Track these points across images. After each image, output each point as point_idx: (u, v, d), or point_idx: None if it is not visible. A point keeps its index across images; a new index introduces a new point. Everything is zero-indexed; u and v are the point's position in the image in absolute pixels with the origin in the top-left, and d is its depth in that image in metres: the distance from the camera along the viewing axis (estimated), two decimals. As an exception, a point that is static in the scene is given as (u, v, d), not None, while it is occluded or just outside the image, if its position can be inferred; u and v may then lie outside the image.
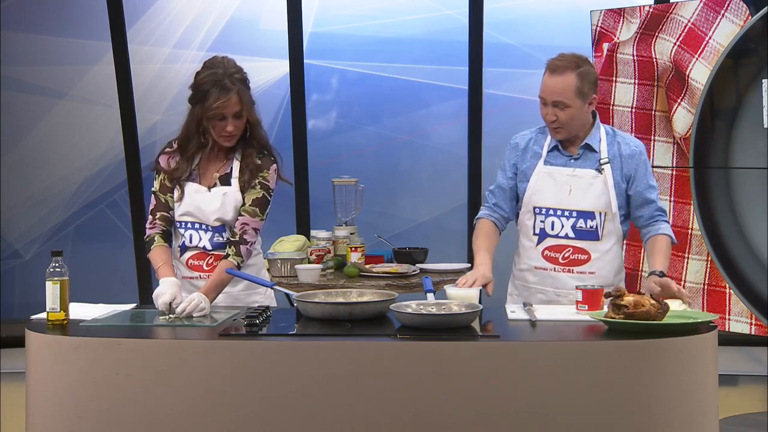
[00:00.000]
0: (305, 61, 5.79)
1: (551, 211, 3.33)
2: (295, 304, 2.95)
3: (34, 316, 2.95)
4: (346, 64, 5.96)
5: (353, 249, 4.34)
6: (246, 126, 3.23)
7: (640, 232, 3.40)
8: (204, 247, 3.25)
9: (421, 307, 2.82)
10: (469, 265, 4.63)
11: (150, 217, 3.29)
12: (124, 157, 5.89)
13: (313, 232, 4.55)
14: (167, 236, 3.27)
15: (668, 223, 3.39)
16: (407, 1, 5.93)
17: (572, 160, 3.34)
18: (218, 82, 3.14)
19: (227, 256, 3.17)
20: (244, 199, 3.23)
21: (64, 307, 2.84)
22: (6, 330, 5.50)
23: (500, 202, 3.45)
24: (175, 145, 3.29)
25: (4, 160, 6.02)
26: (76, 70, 5.99)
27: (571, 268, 3.32)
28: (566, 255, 3.32)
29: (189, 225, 3.25)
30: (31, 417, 2.66)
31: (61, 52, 5.98)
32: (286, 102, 5.84)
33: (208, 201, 3.24)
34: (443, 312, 2.78)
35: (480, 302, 2.97)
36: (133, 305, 3.16)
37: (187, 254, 3.26)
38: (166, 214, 3.27)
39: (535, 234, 3.36)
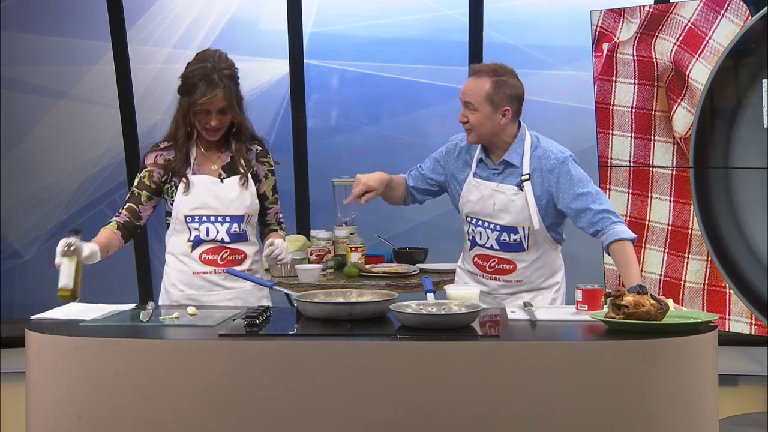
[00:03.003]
0: (305, 61, 5.79)
1: (479, 222, 3.39)
2: (295, 304, 2.95)
3: (34, 316, 2.95)
4: (346, 64, 5.96)
5: (353, 249, 4.34)
6: (232, 120, 3.28)
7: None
8: (222, 240, 3.26)
9: (421, 307, 2.82)
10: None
11: (120, 209, 3.31)
12: (124, 157, 5.90)
13: (313, 232, 4.55)
14: (126, 227, 3.26)
15: (618, 221, 3.22)
16: (407, 1, 5.93)
17: (496, 175, 3.36)
18: (206, 76, 3.18)
19: (275, 230, 3.42)
20: (263, 190, 3.36)
21: (76, 284, 2.84)
22: (6, 330, 5.50)
23: (418, 185, 3.54)
24: (162, 145, 3.33)
25: (4, 160, 6.02)
26: (76, 70, 5.99)
27: (497, 276, 3.40)
28: (492, 264, 3.40)
29: (204, 218, 3.26)
30: (31, 417, 2.66)
31: (61, 52, 5.98)
32: (286, 102, 5.84)
33: (226, 190, 3.25)
34: (443, 312, 2.78)
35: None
36: (133, 305, 3.16)
37: (200, 249, 3.27)
38: (134, 206, 3.29)
39: (468, 240, 3.46)
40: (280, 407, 2.53)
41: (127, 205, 3.30)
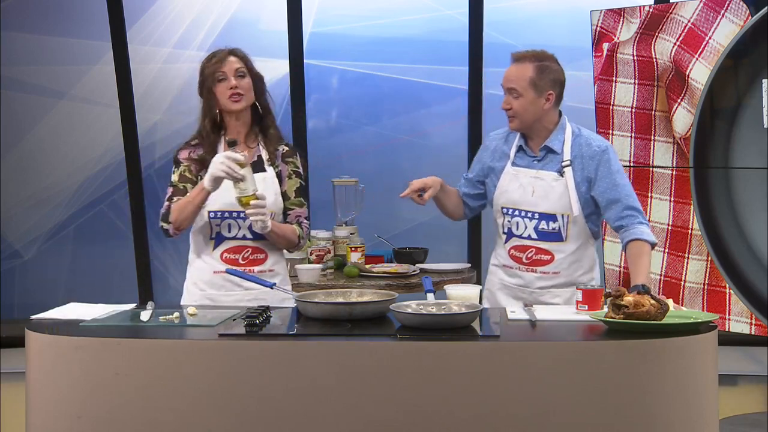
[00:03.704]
0: (305, 61, 5.78)
1: (516, 212, 3.37)
2: (295, 304, 2.95)
3: (34, 316, 2.95)
4: (346, 64, 5.96)
5: (353, 249, 4.34)
6: (258, 110, 3.31)
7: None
8: (243, 236, 3.25)
9: (421, 307, 2.83)
10: (470, 265, 4.64)
11: (166, 203, 3.25)
12: (124, 157, 5.89)
13: (313, 232, 4.54)
14: None
15: (644, 223, 3.27)
16: (407, 1, 5.93)
17: (536, 162, 3.37)
18: (216, 54, 3.27)
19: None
20: (284, 189, 3.33)
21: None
22: (6, 330, 5.49)
23: (468, 191, 3.57)
24: (192, 142, 3.32)
25: (4, 160, 6.02)
26: (76, 70, 5.99)
27: (534, 267, 3.36)
28: (529, 255, 3.37)
29: (227, 215, 3.24)
30: (31, 417, 2.66)
31: (61, 52, 5.98)
32: (286, 102, 5.84)
33: None
34: (443, 312, 2.78)
35: (480, 301, 2.98)
36: (133, 305, 3.16)
37: (222, 247, 3.26)
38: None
39: (503, 233, 3.42)
40: (280, 407, 2.53)
41: (175, 198, 3.24)
